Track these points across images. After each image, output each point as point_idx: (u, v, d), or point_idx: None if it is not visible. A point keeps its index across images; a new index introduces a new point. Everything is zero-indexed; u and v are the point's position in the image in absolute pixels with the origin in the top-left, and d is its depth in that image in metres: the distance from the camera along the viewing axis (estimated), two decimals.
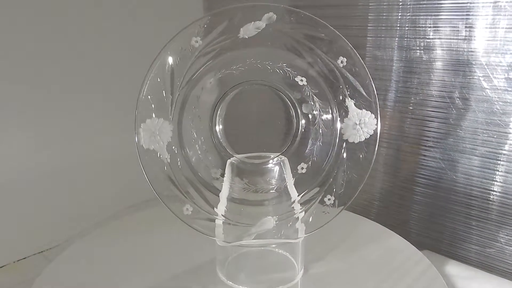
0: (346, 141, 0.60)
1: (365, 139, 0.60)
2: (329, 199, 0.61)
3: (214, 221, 0.61)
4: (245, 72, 0.60)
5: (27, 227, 1.13)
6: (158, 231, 0.79)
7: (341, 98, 0.60)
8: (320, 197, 0.62)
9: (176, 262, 0.69)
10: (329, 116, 0.62)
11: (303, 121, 0.62)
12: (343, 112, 0.60)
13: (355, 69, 0.58)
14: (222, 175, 0.64)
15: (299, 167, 0.63)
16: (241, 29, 0.56)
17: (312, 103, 0.62)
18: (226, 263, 0.65)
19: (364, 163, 0.60)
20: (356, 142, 0.60)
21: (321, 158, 0.63)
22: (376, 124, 0.60)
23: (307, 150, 0.63)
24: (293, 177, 0.63)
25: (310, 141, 0.63)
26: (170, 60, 0.56)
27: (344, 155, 0.61)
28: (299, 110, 0.62)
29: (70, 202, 1.20)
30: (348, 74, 0.58)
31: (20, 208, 1.11)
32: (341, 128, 0.60)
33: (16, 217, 1.11)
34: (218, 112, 0.62)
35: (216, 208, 0.62)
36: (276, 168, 0.64)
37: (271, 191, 0.64)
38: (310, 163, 0.63)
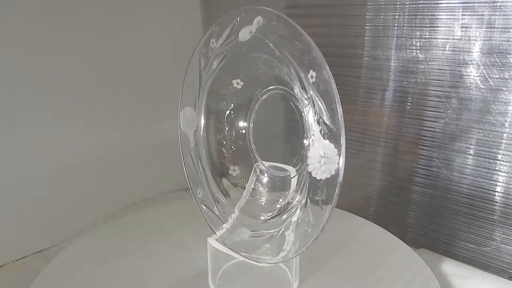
0: (310, 174, 0.49)
1: (326, 178, 0.47)
2: (288, 235, 0.54)
3: (214, 212, 0.61)
4: (267, 76, 0.59)
5: (26, 227, 1.13)
6: (155, 234, 0.79)
7: (309, 121, 0.49)
8: (282, 230, 0.55)
9: (169, 272, 0.68)
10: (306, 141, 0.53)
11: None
12: (311, 138, 0.49)
13: (323, 87, 0.46)
14: (239, 176, 0.65)
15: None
16: (239, 32, 0.55)
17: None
18: (218, 274, 0.65)
19: (323, 207, 0.48)
20: (317, 178, 0.48)
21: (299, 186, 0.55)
22: (338, 163, 0.46)
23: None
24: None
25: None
26: (197, 57, 0.60)
27: (306, 190, 0.51)
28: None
29: (69, 201, 1.20)
30: (316, 92, 0.47)
31: (19, 207, 1.11)
32: (307, 157, 0.49)
33: (15, 217, 1.11)
34: (252, 114, 0.63)
35: (219, 203, 0.63)
36: (286, 183, 0.61)
37: (264, 203, 0.63)
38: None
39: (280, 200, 0.60)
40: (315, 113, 0.47)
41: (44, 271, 0.68)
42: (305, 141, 0.53)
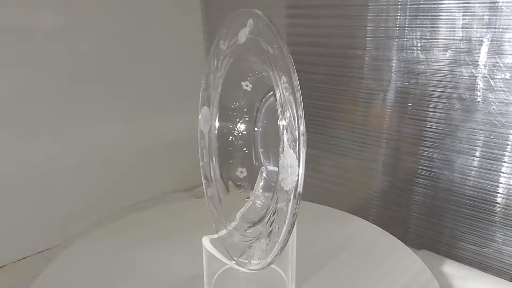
0: (280, 183, 0.47)
1: (290, 188, 0.45)
2: (262, 243, 0.52)
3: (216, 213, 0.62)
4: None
5: (26, 227, 1.13)
6: (155, 235, 0.79)
7: (280, 128, 0.46)
8: (260, 236, 0.54)
9: (168, 273, 0.68)
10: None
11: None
12: (282, 146, 0.46)
13: (291, 94, 0.44)
14: (245, 179, 0.65)
15: None
16: (238, 35, 0.55)
17: None
18: (215, 277, 0.64)
19: (287, 218, 0.46)
20: (284, 188, 0.46)
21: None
22: (298, 174, 0.44)
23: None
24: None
25: None
26: (211, 58, 0.60)
27: (276, 199, 0.49)
28: None
29: (70, 201, 1.20)
30: (287, 98, 0.45)
31: (19, 208, 1.12)
32: (279, 166, 0.47)
33: (16, 217, 1.12)
34: (260, 116, 0.63)
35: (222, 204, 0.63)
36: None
37: (258, 207, 0.62)
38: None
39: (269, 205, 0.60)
40: (284, 120, 0.46)
41: (45, 272, 0.68)
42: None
